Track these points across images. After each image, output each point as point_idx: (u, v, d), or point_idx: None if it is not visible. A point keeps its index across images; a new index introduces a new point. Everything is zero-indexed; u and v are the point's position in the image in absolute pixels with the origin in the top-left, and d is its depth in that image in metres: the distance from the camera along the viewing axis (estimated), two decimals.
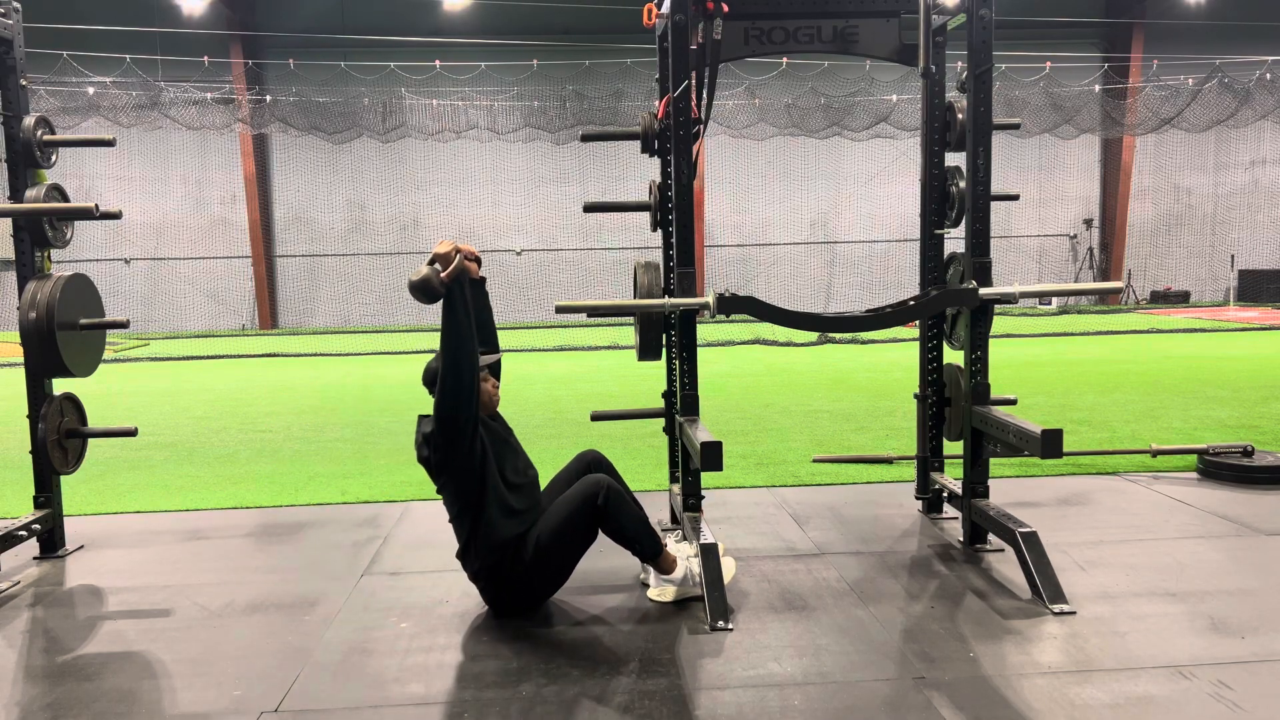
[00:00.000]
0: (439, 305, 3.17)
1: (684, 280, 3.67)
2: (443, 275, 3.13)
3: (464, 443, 3.17)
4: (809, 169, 21.80)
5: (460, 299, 3.16)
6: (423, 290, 3.12)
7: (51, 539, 4.20)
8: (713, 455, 3.13)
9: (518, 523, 3.27)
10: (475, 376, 3.18)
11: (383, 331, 19.58)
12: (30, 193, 4.00)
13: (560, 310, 3.68)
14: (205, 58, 18.70)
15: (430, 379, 3.33)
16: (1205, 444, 5.29)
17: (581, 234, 21.49)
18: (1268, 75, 18.27)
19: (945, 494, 4.40)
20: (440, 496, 3.35)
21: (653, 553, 3.38)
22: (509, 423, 3.58)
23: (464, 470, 3.20)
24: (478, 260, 3.35)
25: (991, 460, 4.12)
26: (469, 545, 3.27)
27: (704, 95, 3.76)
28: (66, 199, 4.12)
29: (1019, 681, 2.74)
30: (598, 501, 3.25)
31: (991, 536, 3.89)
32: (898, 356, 11.54)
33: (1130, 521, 4.29)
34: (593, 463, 3.64)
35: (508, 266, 21.81)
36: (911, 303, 3.86)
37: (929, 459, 4.43)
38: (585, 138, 4.32)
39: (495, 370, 3.48)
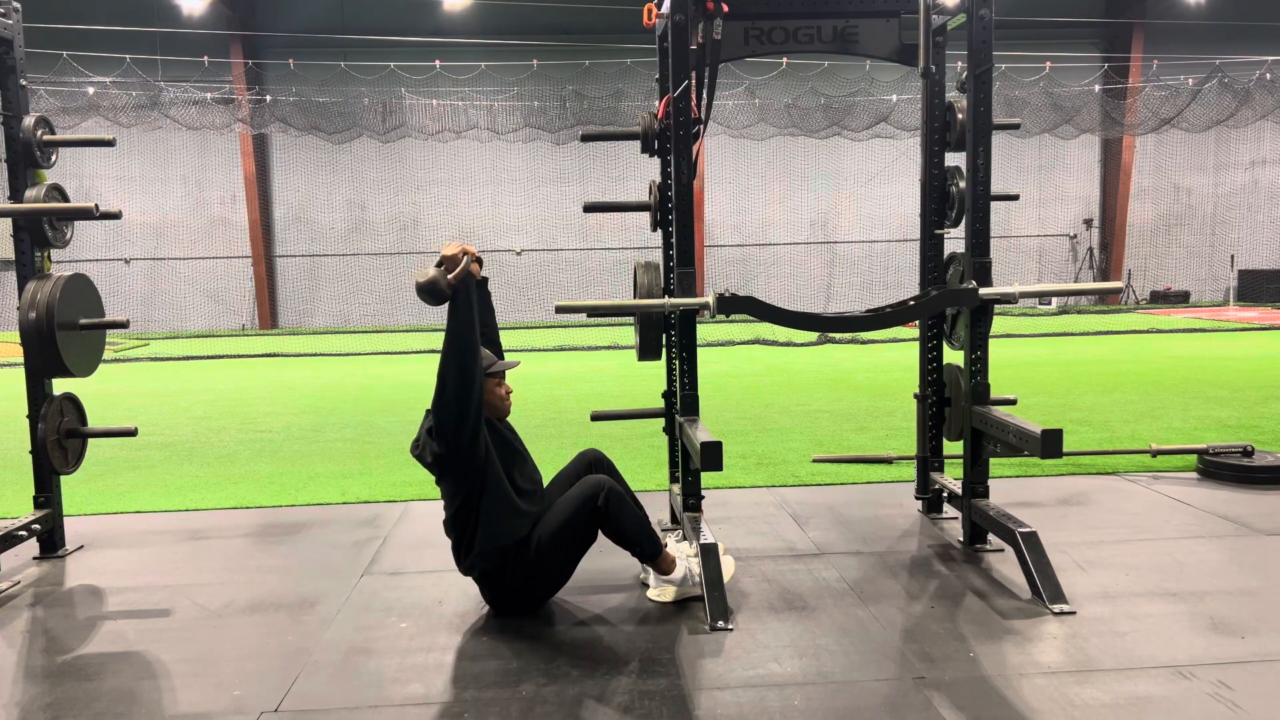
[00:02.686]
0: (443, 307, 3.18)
1: (684, 280, 3.67)
2: (450, 277, 3.15)
3: (466, 444, 3.16)
4: (809, 169, 21.80)
5: (466, 302, 3.17)
6: (430, 292, 3.14)
7: (51, 539, 4.20)
8: (713, 455, 3.13)
9: (521, 525, 3.26)
10: (480, 378, 3.18)
11: (383, 331, 19.58)
12: (30, 193, 4.00)
13: (560, 310, 3.68)
14: (205, 58, 18.70)
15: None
16: (1205, 444, 5.29)
17: (581, 234, 21.49)
18: (1268, 75, 18.27)
19: (945, 494, 4.40)
20: (440, 492, 3.35)
21: (652, 553, 3.38)
22: (510, 421, 3.58)
23: (465, 473, 3.20)
24: (479, 261, 3.36)
25: (991, 460, 4.12)
26: (463, 546, 3.27)
27: (704, 95, 3.76)
28: (66, 199, 4.12)
29: (1019, 681, 2.74)
30: (598, 503, 3.25)
31: (991, 536, 3.89)
32: (898, 356, 11.54)
33: (1130, 521, 4.29)
34: (594, 462, 3.64)
35: (508, 266, 21.81)
36: (911, 303, 3.86)
37: (929, 459, 4.43)
38: (585, 138, 4.32)
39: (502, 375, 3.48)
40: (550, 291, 21.22)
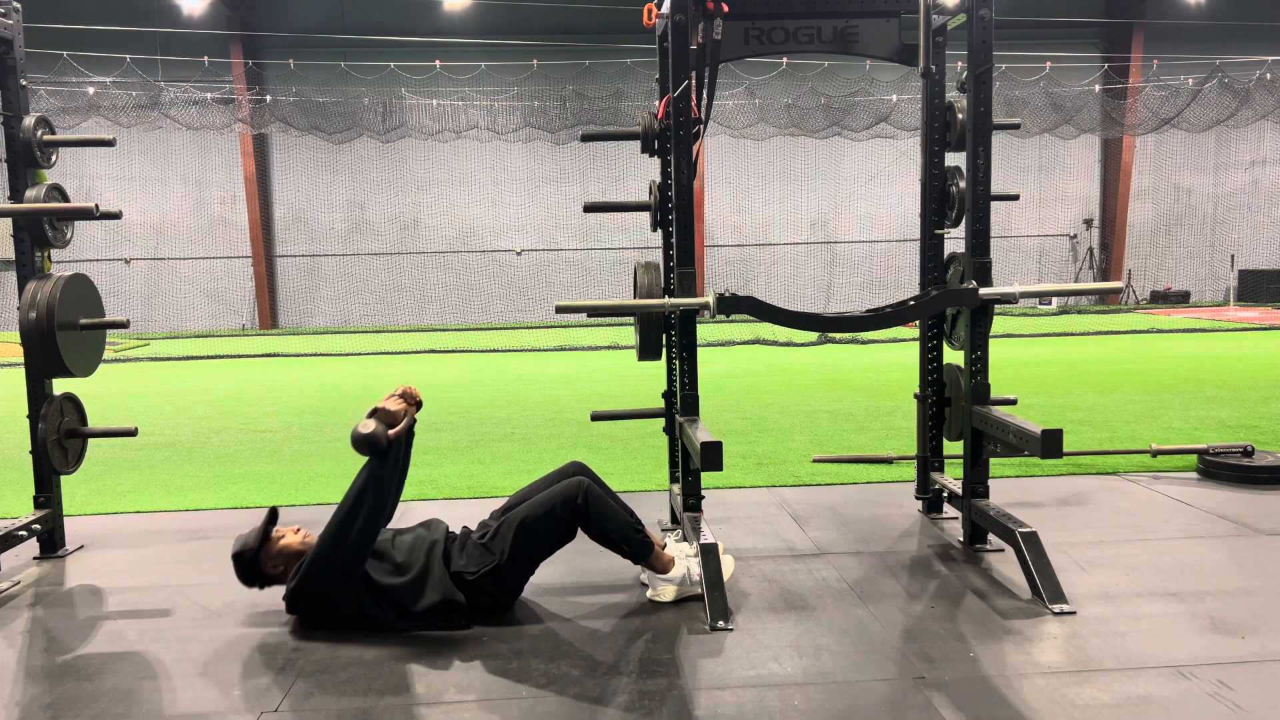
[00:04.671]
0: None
1: (684, 280, 3.67)
2: (390, 433, 3.13)
3: (350, 588, 3.12)
4: (809, 169, 21.81)
5: (394, 460, 3.17)
6: (369, 446, 3.09)
7: (51, 539, 4.20)
8: (713, 455, 3.13)
9: (420, 584, 3.20)
10: (373, 543, 3.15)
11: (383, 331, 19.58)
12: (30, 193, 4.00)
13: (560, 310, 3.67)
14: (205, 58, 18.71)
15: (248, 582, 3.31)
16: (1205, 444, 5.29)
17: (581, 234, 21.49)
18: (1268, 75, 18.28)
19: (945, 494, 4.39)
20: None
21: (642, 553, 3.37)
22: (510, 423, 3.57)
23: (348, 607, 3.16)
24: (419, 404, 3.32)
25: (991, 460, 4.12)
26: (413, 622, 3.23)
27: (704, 95, 3.76)
28: (66, 199, 4.12)
29: (1019, 681, 2.74)
30: (577, 501, 3.25)
31: (991, 536, 3.89)
32: (898, 356, 11.54)
33: (1130, 521, 4.29)
34: (574, 471, 3.61)
35: (508, 266, 21.83)
36: (911, 303, 3.86)
37: (929, 459, 4.43)
38: (585, 138, 4.32)
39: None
40: (550, 291, 21.23)
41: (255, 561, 3.29)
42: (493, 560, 3.24)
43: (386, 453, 3.14)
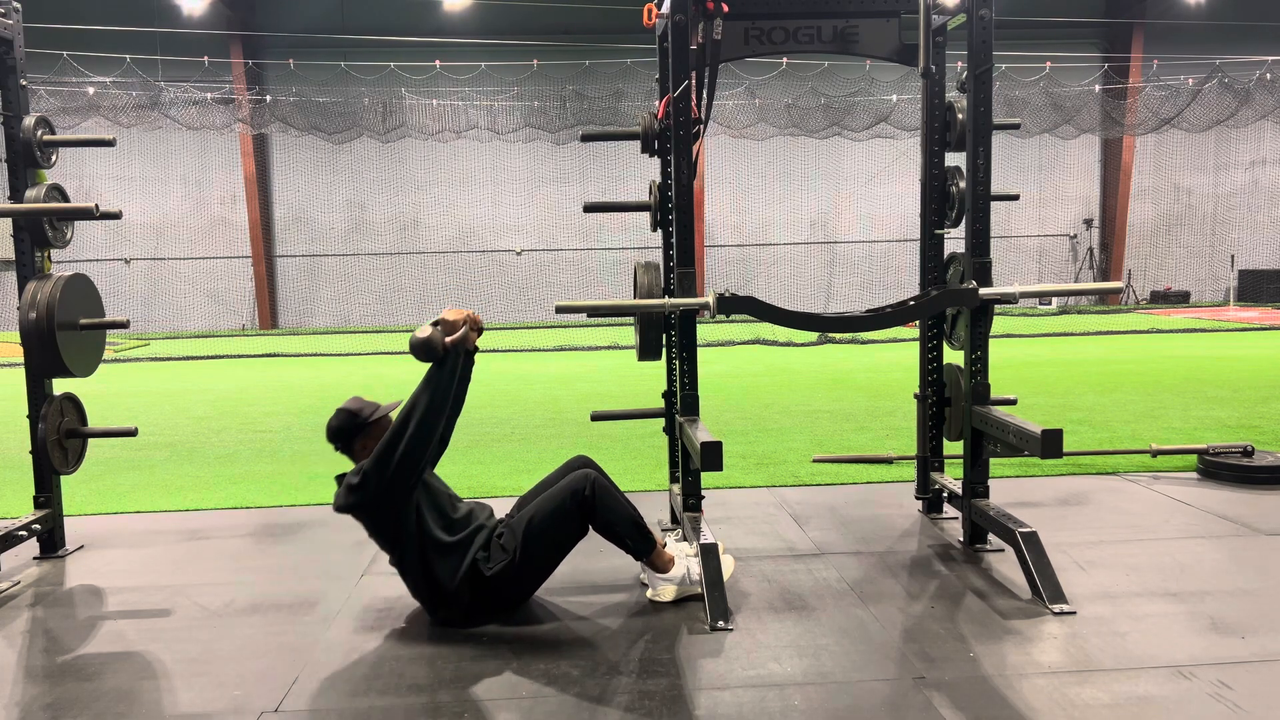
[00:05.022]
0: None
1: (684, 280, 3.67)
2: (447, 341, 3.17)
3: (403, 499, 3.15)
4: (809, 169, 21.81)
5: (451, 371, 3.20)
6: (424, 350, 3.15)
7: (51, 539, 4.20)
8: (713, 455, 3.13)
9: (456, 559, 3.22)
10: (438, 441, 3.20)
11: (383, 331, 19.58)
12: (30, 193, 4.00)
13: (560, 310, 3.67)
14: (205, 58, 18.71)
15: (333, 436, 3.33)
16: (1205, 444, 5.29)
17: (581, 234, 21.49)
18: (1268, 75, 18.28)
19: (945, 494, 4.39)
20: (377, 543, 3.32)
21: (644, 550, 3.37)
22: (510, 423, 3.58)
23: (396, 526, 3.18)
24: (480, 330, 3.37)
25: (991, 460, 4.12)
26: (429, 599, 3.26)
27: (704, 95, 3.76)
28: (66, 199, 4.12)
29: (1019, 681, 2.74)
30: (585, 493, 3.25)
31: (991, 536, 3.89)
32: (898, 356, 11.54)
33: (1130, 521, 4.29)
34: (580, 465, 3.62)
35: (508, 266, 21.82)
36: (911, 303, 3.86)
37: (929, 459, 4.43)
38: (585, 138, 4.32)
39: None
40: (550, 291, 21.23)
41: (359, 429, 3.30)
42: (506, 558, 3.24)
43: (444, 360, 3.17)
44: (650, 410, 4.31)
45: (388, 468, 3.12)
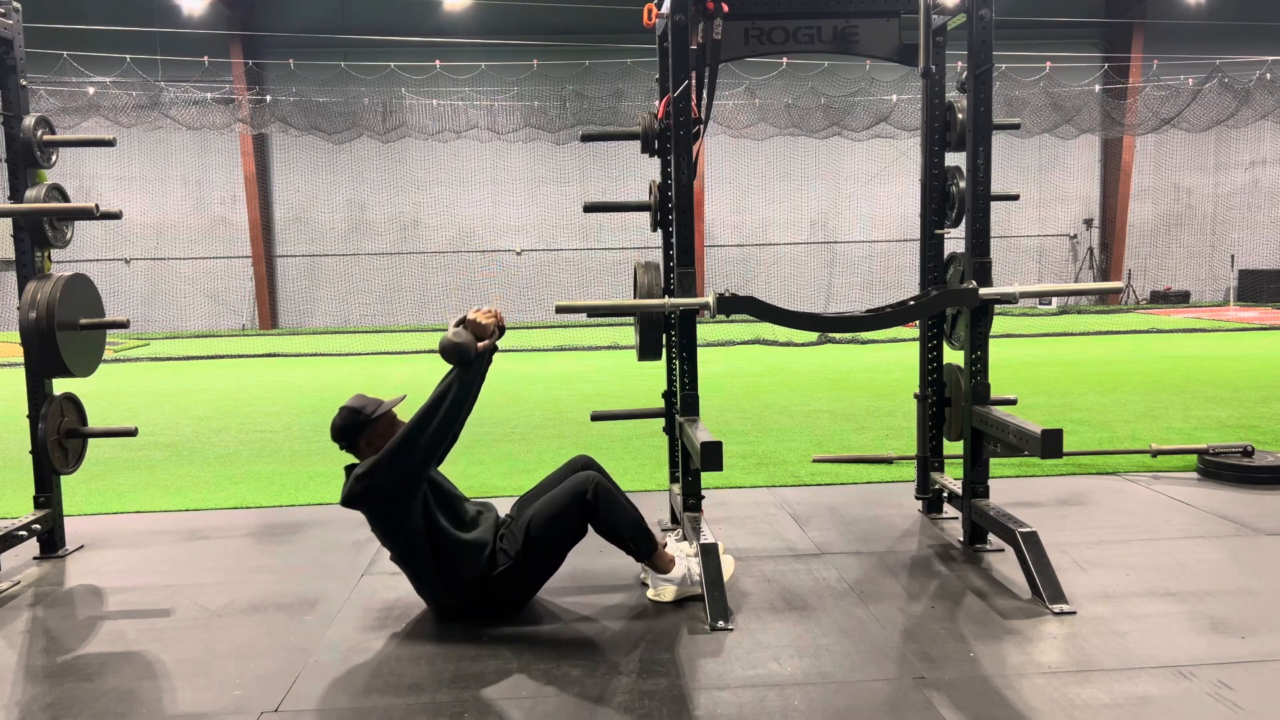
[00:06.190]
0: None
1: (684, 280, 3.67)
2: (480, 345, 3.20)
3: (412, 491, 3.15)
4: (809, 169, 21.81)
5: (477, 375, 3.23)
6: (456, 354, 3.16)
7: (51, 539, 4.20)
8: (713, 455, 3.13)
9: (476, 557, 3.23)
10: (447, 438, 3.21)
11: (383, 331, 19.59)
12: (30, 193, 4.00)
13: (560, 310, 3.67)
14: (205, 58, 18.70)
15: (337, 434, 3.31)
16: (1205, 444, 5.29)
17: (581, 234, 21.49)
18: (1268, 75, 18.28)
19: (945, 494, 4.40)
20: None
21: (647, 551, 3.37)
22: (510, 422, 3.58)
23: (401, 518, 3.17)
24: (503, 330, 3.38)
25: (991, 460, 4.12)
26: (436, 591, 3.26)
27: (704, 95, 3.76)
28: (66, 199, 4.13)
29: (1019, 681, 2.74)
30: (587, 496, 3.25)
31: (991, 536, 3.89)
32: (898, 356, 11.54)
33: (1130, 521, 4.29)
34: (583, 465, 3.63)
35: (508, 266, 21.82)
36: (911, 303, 3.86)
37: (929, 459, 4.43)
38: (585, 138, 4.32)
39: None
40: (550, 291, 21.23)
41: (364, 425, 3.28)
42: (508, 561, 3.25)
43: (472, 363, 3.19)
44: (650, 410, 4.31)
45: (405, 459, 3.12)
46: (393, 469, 3.13)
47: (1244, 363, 10.26)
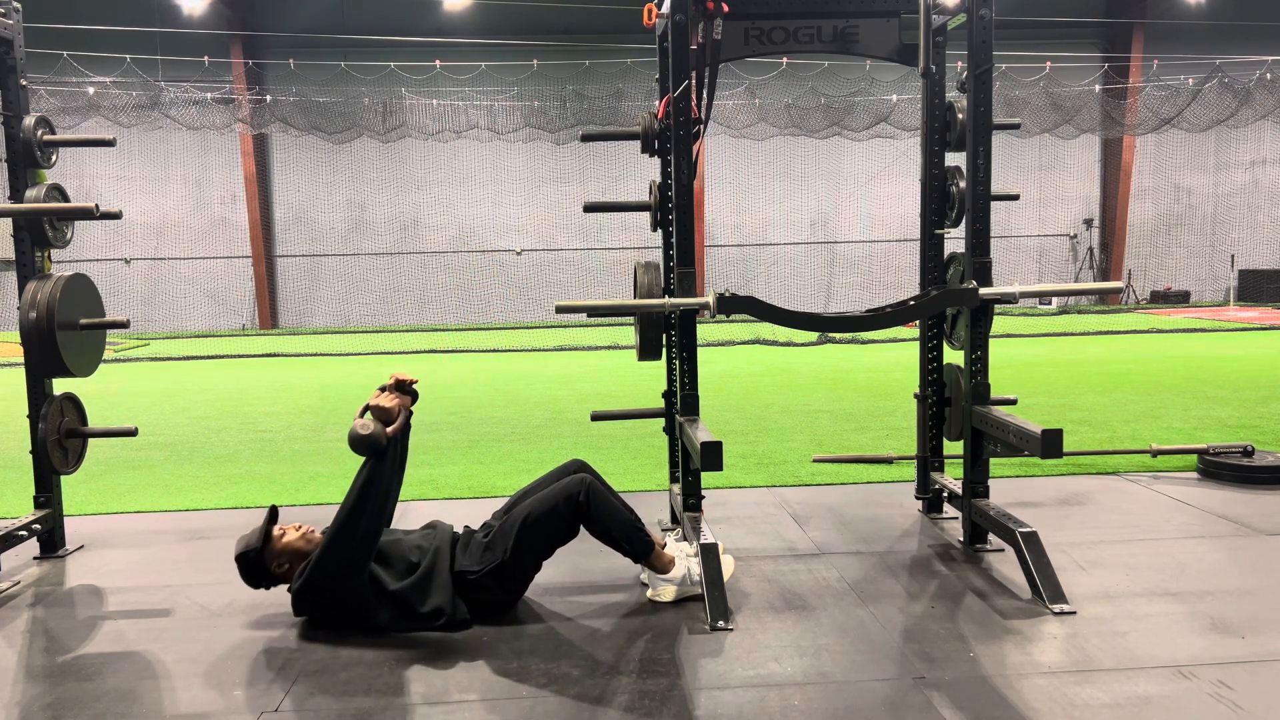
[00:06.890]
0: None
1: (684, 280, 3.67)
2: (389, 431, 3.10)
3: (358, 573, 3.12)
4: (809, 169, 21.81)
5: (394, 457, 3.16)
6: (368, 447, 3.06)
7: (52, 539, 4.20)
8: (713, 455, 3.13)
9: (427, 583, 3.21)
10: (382, 526, 3.17)
11: (383, 331, 19.58)
12: (30, 193, 4.00)
13: (560, 310, 3.67)
14: (205, 58, 18.70)
15: (252, 582, 3.29)
16: (1205, 444, 5.29)
17: (581, 234, 21.49)
18: (1268, 75, 18.28)
19: (945, 494, 4.39)
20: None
21: (642, 552, 3.36)
22: (510, 423, 3.57)
23: (358, 597, 3.15)
24: (415, 395, 3.28)
25: (991, 460, 4.12)
26: (417, 623, 3.23)
27: (704, 95, 3.76)
28: (66, 199, 4.12)
29: (1019, 681, 2.74)
30: (579, 498, 3.24)
31: (992, 536, 3.89)
32: (898, 356, 11.54)
33: (1130, 521, 4.29)
34: (575, 469, 3.61)
35: (508, 266, 21.82)
36: (911, 303, 3.86)
37: (929, 459, 4.43)
38: (585, 138, 4.32)
39: None
40: (550, 291, 21.23)
41: (259, 561, 3.27)
42: (495, 559, 3.24)
43: (385, 452, 3.12)
44: (650, 410, 4.31)
45: (341, 554, 3.08)
46: (336, 569, 3.10)
47: (1244, 363, 10.27)
